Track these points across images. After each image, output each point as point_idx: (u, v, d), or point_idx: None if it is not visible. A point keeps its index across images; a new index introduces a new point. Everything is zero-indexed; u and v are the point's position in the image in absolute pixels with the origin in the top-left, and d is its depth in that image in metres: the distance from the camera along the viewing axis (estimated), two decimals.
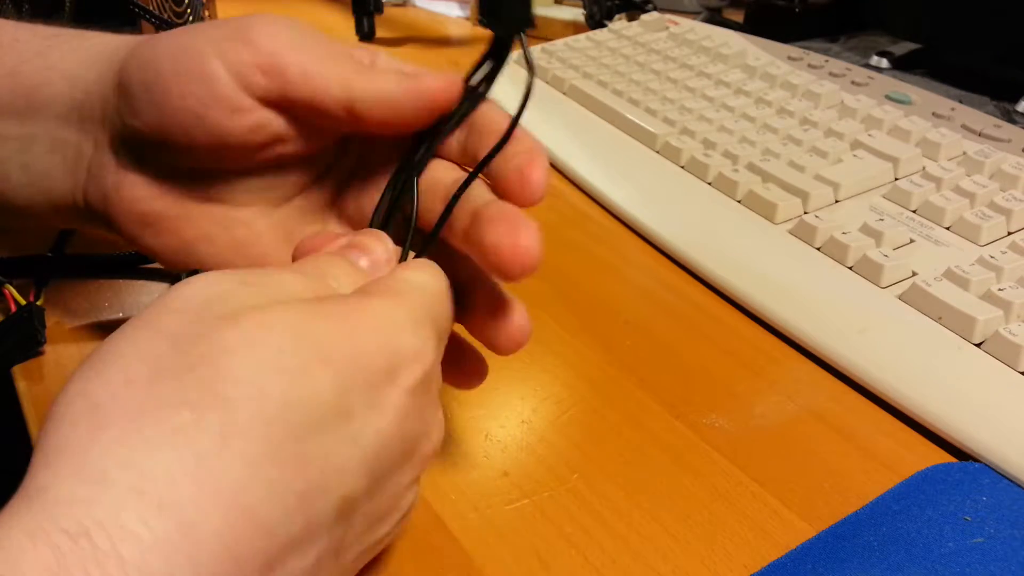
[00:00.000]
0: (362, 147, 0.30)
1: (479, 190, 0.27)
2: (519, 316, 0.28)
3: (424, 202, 0.28)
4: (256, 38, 0.26)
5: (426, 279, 0.25)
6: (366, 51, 0.29)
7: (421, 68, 0.29)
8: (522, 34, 0.27)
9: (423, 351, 0.23)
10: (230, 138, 0.27)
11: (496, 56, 0.28)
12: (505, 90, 0.29)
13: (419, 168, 0.28)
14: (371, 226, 0.28)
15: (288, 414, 0.19)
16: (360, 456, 0.20)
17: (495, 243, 0.24)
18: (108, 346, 0.19)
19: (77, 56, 0.29)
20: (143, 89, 0.26)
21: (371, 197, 0.29)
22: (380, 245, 0.25)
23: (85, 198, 0.30)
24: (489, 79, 0.28)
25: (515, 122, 0.26)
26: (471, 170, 0.27)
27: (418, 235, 0.28)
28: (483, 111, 0.28)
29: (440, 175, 0.28)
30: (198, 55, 0.26)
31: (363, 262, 0.25)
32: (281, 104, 0.27)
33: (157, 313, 0.20)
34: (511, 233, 0.24)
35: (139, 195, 0.29)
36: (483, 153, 0.27)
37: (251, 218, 0.29)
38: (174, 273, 0.42)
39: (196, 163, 0.28)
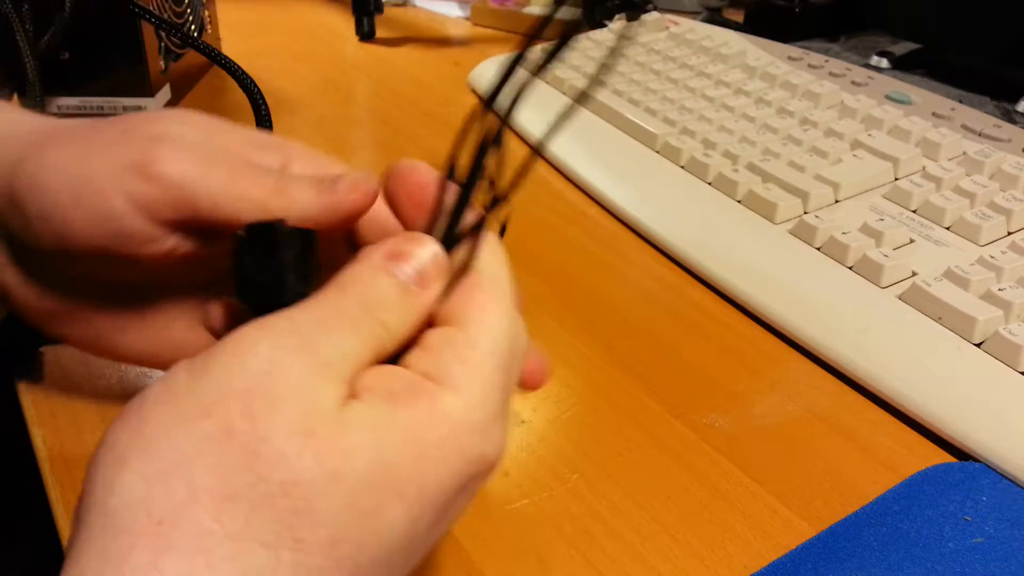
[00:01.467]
0: None
1: None
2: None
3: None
4: (159, 170, 0.24)
5: (498, 325, 0.22)
6: (277, 150, 0.27)
7: (337, 166, 0.27)
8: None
9: (497, 456, 0.21)
10: (140, 261, 0.25)
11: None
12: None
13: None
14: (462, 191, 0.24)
15: (359, 555, 0.18)
16: (411, 563, 0.20)
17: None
18: (166, 438, 0.17)
19: None
20: (40, 216, 0.24)
21: None
22: (423, 249, 0.22)
23: None
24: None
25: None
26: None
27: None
28: None
29: None
30: (99, 191, 0.24)
31: (407, 271, 0.22)
32: (194, 228, 0.25)
33: (224, 405, 0.18)
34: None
35: (40, 292, 0.27)
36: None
37: (162, 305, 0.28)
38: None
39: (103, 279, 0.26)
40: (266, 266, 0.21)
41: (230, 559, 0.16)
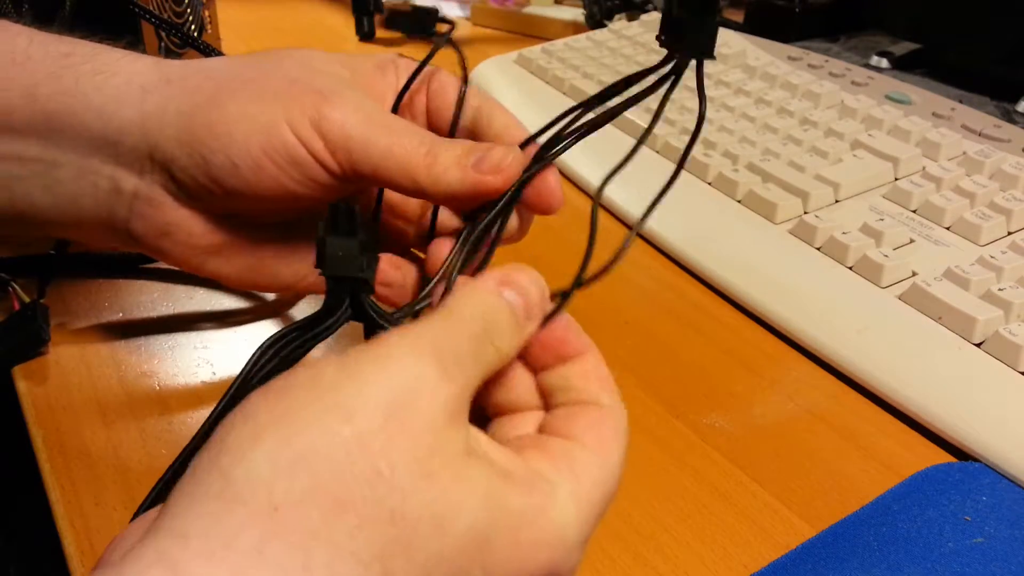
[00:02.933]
0: None
1: None
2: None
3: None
4: (330, 129, 0.27)
5: (615, 463, 0.23)
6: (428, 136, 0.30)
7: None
8: (701, 63, 0.26)
9: (576, 569, 0.22)
10: (307, 201, 0.28)
11: (671, 77, 0.27)
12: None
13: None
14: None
15: None
16: None
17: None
18: (305, 430, 0.18)
19: (97, 84, 0.28)
20: (229, 163, 0.27)
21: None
22: (534, 286, 0.24)
23: (128, 228, 0.30)
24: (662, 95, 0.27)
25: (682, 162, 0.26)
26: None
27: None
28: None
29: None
30: (285, 141, 0.27)
31: (519, 300, 0.23)
32: (355, 179, 0.28)
33: (365, 415, 0.18)
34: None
35: (203, 229, 0.29)
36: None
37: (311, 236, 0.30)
38: (175, 272, 0.42)
39: (273, 213, 0.29)
40: (348, 244, 0.23)
41: (325, 564, 0.17)
